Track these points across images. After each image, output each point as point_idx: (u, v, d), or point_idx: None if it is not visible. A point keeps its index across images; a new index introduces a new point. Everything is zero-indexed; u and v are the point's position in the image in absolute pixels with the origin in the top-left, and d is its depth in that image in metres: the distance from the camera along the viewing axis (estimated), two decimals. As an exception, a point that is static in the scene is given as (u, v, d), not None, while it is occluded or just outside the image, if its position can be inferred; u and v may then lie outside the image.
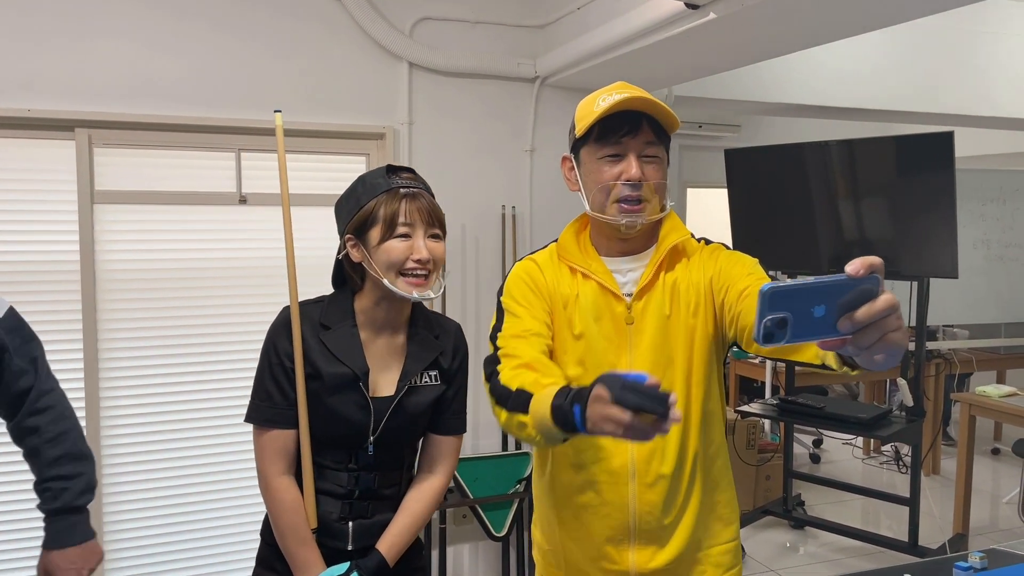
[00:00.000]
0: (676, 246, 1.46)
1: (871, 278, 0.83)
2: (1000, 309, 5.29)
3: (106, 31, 2.80)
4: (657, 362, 1.42)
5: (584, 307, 1.45)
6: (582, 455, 1.46)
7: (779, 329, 0.82)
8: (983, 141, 6.10)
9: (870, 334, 0.84)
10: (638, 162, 1.39)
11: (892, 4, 2.28)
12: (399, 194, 1.47)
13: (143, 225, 2.94)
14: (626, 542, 1.46)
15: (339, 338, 1.52)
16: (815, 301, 0.83)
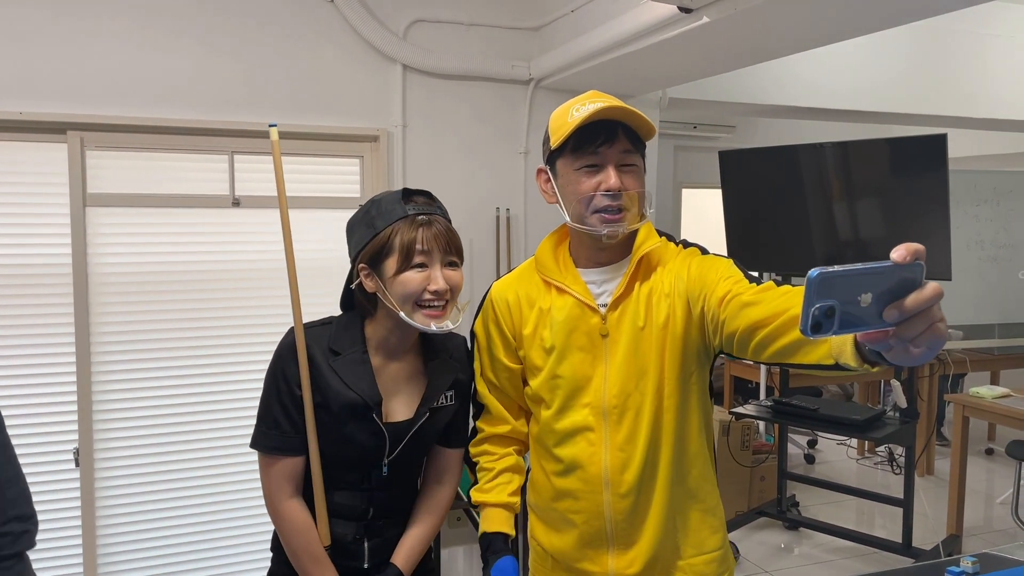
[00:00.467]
0: (649, 255, 1.44)
1: (916, 265, 0.77)
2: (994, 310, 5.30)
3: (98, 33, 2.79)
4: (630, 374, 1.43)
5: (557, 321, 1.46)
6: (561, 464, 1.49)
7: (827, 318, 0.75)
8: (977, 142, 6.12)
9: (917, 324, 0.78)
10: (616, 172, 1.38)
11: (883, 9, 2.29)
12: (416, 222, 1.40)
13: (136, 228, 2.93)
14: (604, 547, 1.48)
15: (350, 365, 1.46)
16: (862, 289, 0.76)
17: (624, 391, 1.43)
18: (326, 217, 3.18)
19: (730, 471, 4.34)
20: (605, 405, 1.44)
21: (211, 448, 3.05)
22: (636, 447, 1.43)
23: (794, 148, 3.96)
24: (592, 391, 1.45)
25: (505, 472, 1.59)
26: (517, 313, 1.53)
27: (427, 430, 1.52)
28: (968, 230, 5.10)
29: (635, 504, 1.45)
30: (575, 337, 1.45)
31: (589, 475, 1.46)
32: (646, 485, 1.45)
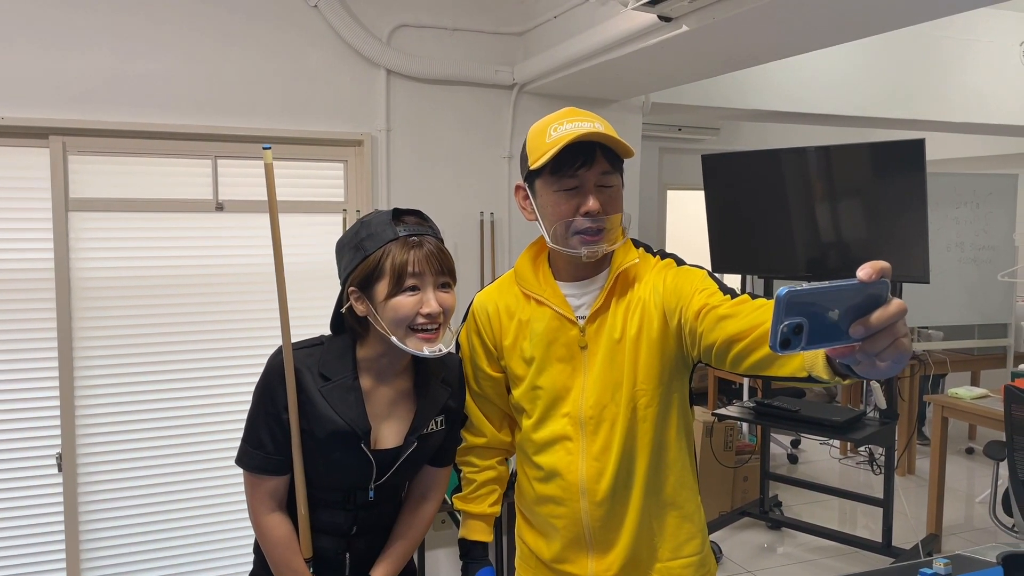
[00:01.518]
0: (627, 271, 1.46)
1: (881, 282, 0.80)
2: (973, 311, 5.37)
3: (80, 37, 2.78)
4: (606, 386, 1.45)
5: (536, 332, 1.48)
6: (542, 472, 1.53)
7: (795, 335, 0.78)
8: (956, 145, 6.19)
9: (882, 339, 0.81)
10: (595, 194, 1.38)
11: (860, 19, 2.32)
12: (407, 243, 1.37)
13: (118, 233, 2.93)
14: (584, 551, 1.52)
15: (340, 392, 1.43)
16: (830, 306, 0.79)
17: (600, 402, 1.46)
18: (310, 221, 3.19)
19: (713, 472, 4.38)
20: (582, 416, 1.47)
21: (194, 453, 3.05)
22: (610, 457, 1.46)
23: (776, 152, 3.99)
24: (571, 401, 1.48)
25: (487, 484, 1.64)
26: (497, 324, 1.55)
27: (416, 456, 1.51)
28: (948, 232, 5.16)
29: (610, 512, 1.48)
30: (554, 348, 1.48)
31: (567, 483, 1.49)
32: (620, 493, 1.48)
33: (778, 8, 2.17)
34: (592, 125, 1.38)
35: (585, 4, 2.87)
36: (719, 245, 4.18)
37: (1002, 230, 5.33)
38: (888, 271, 0.80)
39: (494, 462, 1.66)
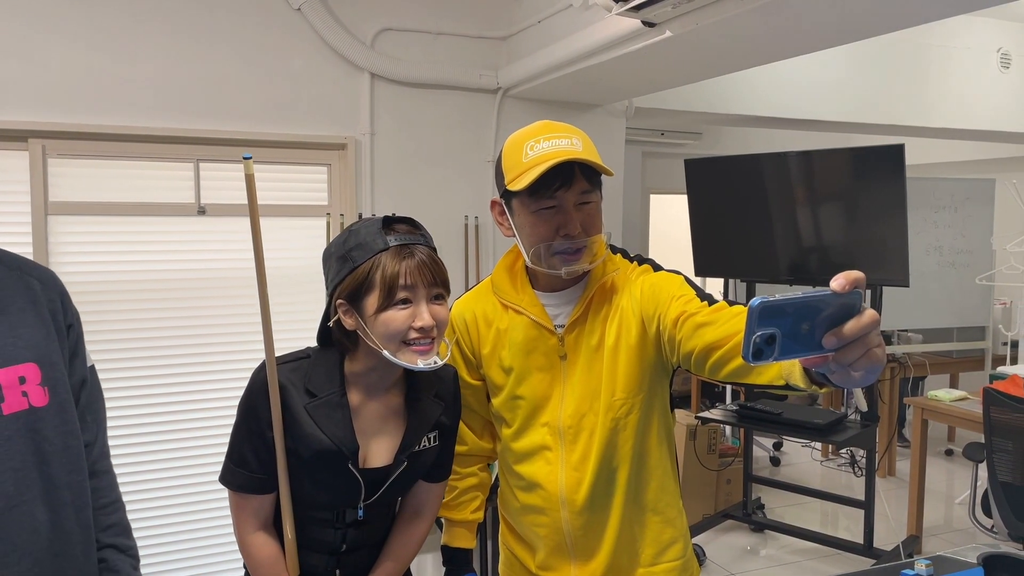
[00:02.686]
0: (605, 282, 1.45)
1: (854, 293, 0.79)
2: (952, 314, 5.43)
3: (60, 40, 2.76)
4: (584, 395, 1.45)
5: (515, 341, 1.47)
6: (523, 481, 1.52)
7: (768, 345, 0.78)
8: (935, 150, 6.26)
9: (855, 350, 0.81)
10: (575, 214, 1.35)
11: (839, 26, 2.35)
12: (398, 254, 1.29)
13: (99, 237, 2.90)
14: (567, 557, 1.52)
15: (327, 409, 1.36)
16: (802, 316, 0.79)
17: (579, 411, 1.45)
18: (293, 225, 3.18)
19: (697, 474, 4.39)
20: (561, 425, 1.46)
21: (175, 459, 3.03)
22: (589, 466, 1.45)
23: (758, 157, 4.02)
24: (550, 411, 1.47)
25: (469, 491, 1.63)
26: (475, 332, 1.53)
27: (407, 475, 1.45)
28: (927, 236, 5.22)
29: (591, 520, 1.48)
30: (533, 358, 1.46)
31: (548, 493, 1.48)
32: (601, 502, 1.47)
33: (760, 14, 2.19)
34: (570, 143, 1.35)
35: (569, 9, 2.88)
36: (702, 249, 4.20)
37: (980, 234, 5.39)
38: (862, 281, 0.79)
39: (475, 468, 1.65)
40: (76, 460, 1.24)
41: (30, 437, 1.17)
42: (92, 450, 1.32)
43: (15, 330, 1.20)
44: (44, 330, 1.24)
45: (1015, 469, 3.11)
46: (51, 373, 1.23)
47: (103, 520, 1.32)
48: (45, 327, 1.24)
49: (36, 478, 1.17)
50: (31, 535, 1.15)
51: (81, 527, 1.23)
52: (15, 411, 1.17)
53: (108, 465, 1.36)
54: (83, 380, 1.33)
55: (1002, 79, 4.63)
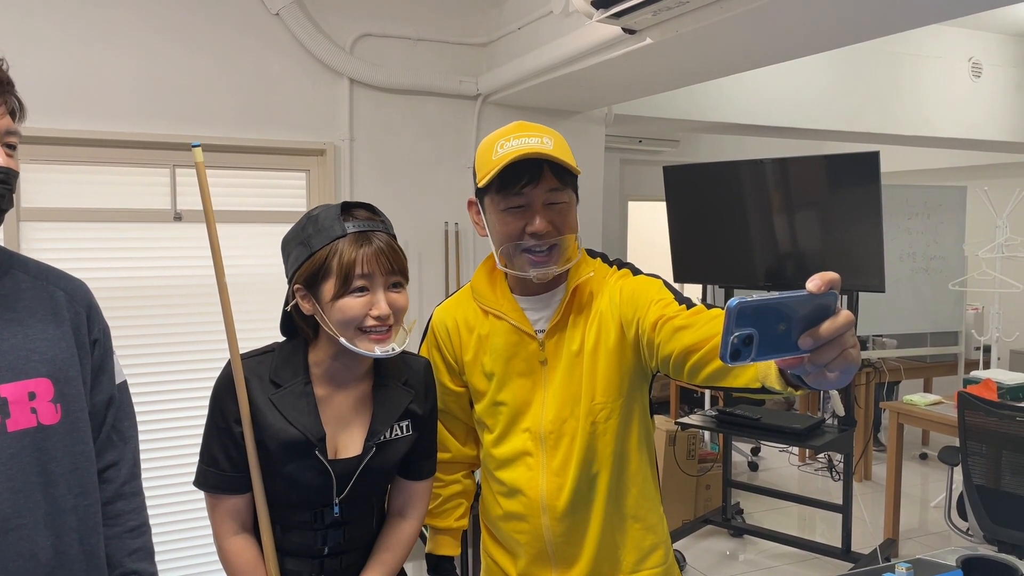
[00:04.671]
0: (582, 285, 1.44)
1: (830, 294, 0.80)
2: (925, 319, 5.50)
3: (32, 43, 2.71)
4: (565, 400, 1.44)
5: (496, 347, 1.46)
6: (504, 487, 1.51)
7: (745, 346, 0.78)
8: (908, 158, 6.35)
9: (830, 351, 0.81)
10: (543, 212, 1.34)
11: (817, 34, 2.38)
12: (355, 241, 1.28)
13: (73, 243, 2.86)
14: (548, 564, 1.51)
15: (291, 398, 1.35)
16: (779, 317, 0.80)
17: (560, 417, 1.44)
18: (271, 231, 3.14)
19: (676, 480, 4.40)
20: (542, 431, 1.45)
21: (153, 460, 2.98)
22: (569, 472, 1.44)
23: (735, 164, 4.05)
24: (531, 416, 1.46)
25: (453, 498, 1.62)
26: (456, 338, 1.52)
27: (379, 465, 1.41)
28: (901, 242, 5.29)
29: (571, 527, 1.47)
30: (514, 363, 1.46)
31: (529, 499, 1.47)
32: (581, 508, 1.47)
33: (740, 22, 2.21)
34: (540, 141, 1.33)
35: (549, 16, 2.89)
36: (680, 255, 4.22)
37: (952, 240, 5.48)
38: (837, 282, 0.80)
39: (460, 476, 1.64)
40: (86, 483, 1.19)
41: (36, 457, 1.12)
42: (120, 471, 1.27)
43: (30, 343, 1.14)
44: (63, 344, 1.18)
45: (989, 472, 3.15)
46: (65, 389, 1.17)
47: (129, 544, 1.27)
48: (65, 340, 1.19)
49: (40, 500, 1.12)
50: (28, 561, 1.10)
51: (86, 554, 1.18)
52: (21, 428, 1.11)
53: (137, 487, 1.31)
54: (110, 398, 1.28)
55: (973, 88, 4.71)
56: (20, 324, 1.15)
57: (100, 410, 1.26)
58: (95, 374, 1.26)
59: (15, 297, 1.16)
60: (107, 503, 1.25)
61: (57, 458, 1.15)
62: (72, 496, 1.17)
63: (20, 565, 1.09)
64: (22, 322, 1.15)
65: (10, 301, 1.15)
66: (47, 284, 1.22)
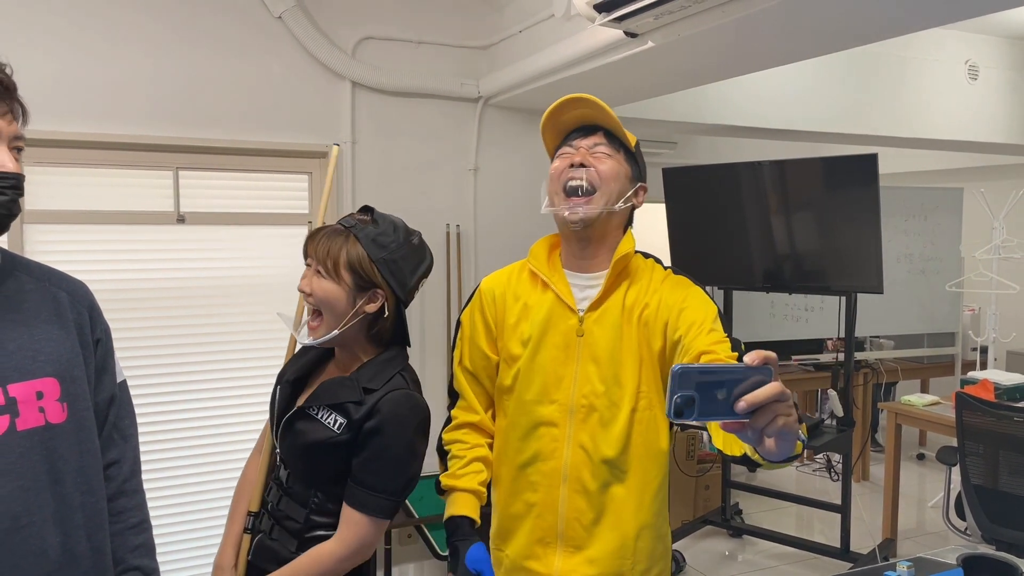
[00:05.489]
0: (628, 267, 1.52)
1: (764, 368, 0.92)
2: (922, 320, 5.53)
3: (35, 46, 2.72)
4: (602, 377, 1.48)
5: (537, 316, 1.53)
6: (522, 455, 1.54)
7: (687, 407, 0.90)
8: (905, 160, 6.38)
9: (763, 416, 0.92)
10: (585, 152, 1.48)
11: (819, 37, 2.40)
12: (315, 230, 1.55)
13: (76, 246, 2.86)
14: (554, 544, 1.52)
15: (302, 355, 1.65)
16: (718, 384, 0.91)
17: (594, 391, 1.48)
18: (273, 233, 3.16)
19: (676, 481, 4.42)
20: (573, 403, 1.49)
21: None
22: (596, 448, 1.48)
23: (734, 166, 4.08)
24: (563, 388, 1.50)
25: (476, 461, 1.61)
26: (502, 304, 1.59)
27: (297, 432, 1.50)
28: (898, 244, 5.32)
29: (588, 504, 1.49)
30: (551, 335, 1.51)
31: (548, 468, 1.50)
32: (601, 488, 1.49)
33: (741, 26, 2.23)
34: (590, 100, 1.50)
35: (550, 19, 2.90)
36: (679, 256, 4.24)
37: (949, 242, 5.51)
38: (773, 360, 0.92)
39: (484, 442, 1.63)
40: (92, 480, 1.22)
41: (44, 455, 1.14)
42: (121, 468, 1.29)
43: (36, 343, 1.17)
44: (68, 344, 1.20)
45: (987, 472, 3.18)
46: (71, 389, 1.20)
47: (132, 540, 1.30)
48: (69, 341, 1.21)
49: (48, 498, 1.14)
50: (37, 558, 1.12)
51: (93, 550, 1.20)
52: (30, 427, 1.13)
53: (138, 484, 1.34)
54: (112, 397, 1.31)
55: (970, 90, 4.74)
56: (26, 325, 1.16)
57: (102, 409, 1.28)
58: (98, 373, 1.28)
59: (20, 299, 1.18)
60: (109, 500, 1.28)
61: (65, 456, 1.17)
62: (79, 494, 1.19)
63: (31, 562, 1.11)
64: (27, 323, 1.17)
65: (15, 303, 1.17)
66: (50, 286, 1.24)
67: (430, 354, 3.44)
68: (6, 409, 1.11)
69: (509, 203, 3.55)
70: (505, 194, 3.54)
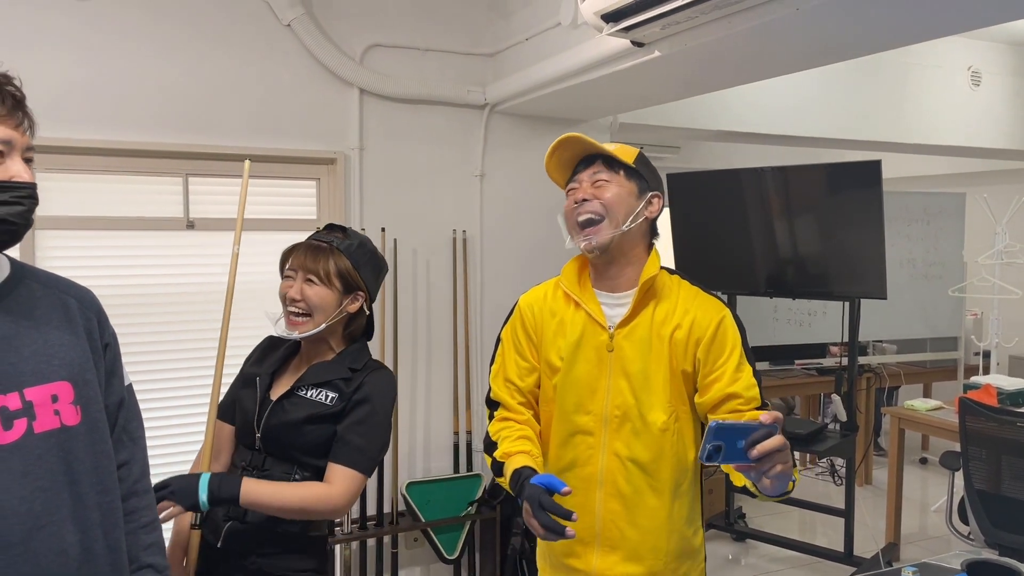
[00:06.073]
0: (654, 287, 1.61)
1: (772, 426, 1.27)
2: (925, 325, 5.55)
3: (46, 54, 2.75)
4: (633, 389, 1.57)
5: (571, 334, 1.63)
6: (561, 462, 1.64)
7: (716, 453, 1.24)
8: (907, 165, 6.40)
9: (767, 462, 1.27)
10: (587, 185, 1.59)
11: (825, 47, 2.42)
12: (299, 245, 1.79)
13: (87, 251, 2.89)
14: (592, 544, 1.61)
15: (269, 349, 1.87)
16: (739, 436, 1.25)
17: (626, 403, 1.57)
18: (282, 239, 3.17)
19: (680, 485, 4.44)
20: (607, 414, 1.58)
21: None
22: (632, 455, 1.57)
23: (737, 172, 4.10)
24: (597, 400, 1.60)
25: (524, 439, 1.62)
26: (540, 318, 1.68)
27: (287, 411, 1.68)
28: (900, 249, 5.34)
29: (623, 506, 1.58)
30: (585, 349, 1.61)
31: (585, 473, 1.60)
32: (637, 491, 1.57)
33: (747, 37, 2.25)
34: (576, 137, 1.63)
35: (557, 28, 2.93)
36: (684, 261, 4.26)
37: (951, 247, 5.53)
38: (781, 420, 1.29)
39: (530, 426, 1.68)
40: (106, 480, 1.25)
41: (61, 456, 1.18)
42: (131, 469, 1.33)
43: (49, 348, 1.20)
44: (79, 348, 1.24)
45: (990, 477, 3.19)
46: (84, 392, 1.23)
47: (144, 539, 1.33)
48: (80, 345, 1.25)
49: (66, 498, 1.17)
50: (58, 556, 1.15)
51: (109, 548, 1.23)
52: (47, 429, 1.17)
53: (148, 485, 1.37)
54: (120, 399, 1.34)
55: (972, 96, 4.76)
56: (39, 330, 1.20)
57: (112, 412, 1.32)
58: (107, 377, 1.32)
59: (31, 305, 1.22)
60: (122, 500, 1.31)
61: (80, 457, 1.21)
62: (95, 493, 1.22)
63: (52, 560, 1.14)
64: (40, 328, 1.20)
65: (27, 309, 1.21)
66: (59, 292, 1.28)
67: (436, 357, 3.46)
68: (23, 412, 1.15)
69: (514, 208, 3.58)
70: (510, 200, 3.57)
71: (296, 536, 1.68)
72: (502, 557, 3.38)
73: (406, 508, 3.30)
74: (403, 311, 3.35)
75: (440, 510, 3.33)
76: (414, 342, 3.40)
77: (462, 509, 3.37)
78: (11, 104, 1.16)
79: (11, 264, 1.25)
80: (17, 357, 1.16)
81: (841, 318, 3.99)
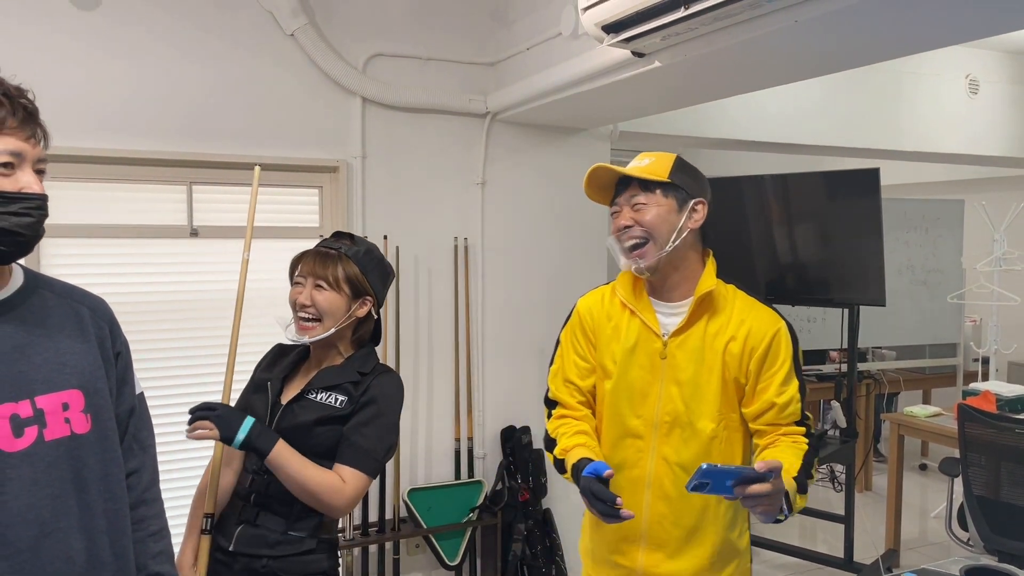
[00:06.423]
0: (710, 297, 1.65)
1: (768, 473, 1.36)
2: (924, 331, 5.56)
3: (50, 63, 2.77)
4: (684, 396, 1.62)
5: (626, 340, 1.68)
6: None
7: (703, 487, 1.35)
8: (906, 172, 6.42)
9: (749, 502, 1.38)
10: (629, 211, 1.65)
11: (824, 58, 2.44)
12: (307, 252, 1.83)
13: (91, 259, 2.91)
14: (638, 543, 1.67)
15: (279, 355, 1.90)
16: (728, 478, 1.35)
17: (676, 410, 1.62)
18: (285, 247, 3.19)
19: (680, 491, 4.45)
20: (657, 419, 1.63)
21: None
22: (681, 460, 1.62)
23: (737, 179, 4.12)
24: (648, 405, 1.64)
25: (581, 433, 1.70)
26: (598, 322, 1.73)
27: (295, 414, 1.72)
28: (899, 255, 5.35)
29: (670, 508, 1.63)
30: (639, 355, 1.65)
31: (634, 475, 1.66)
32: (683, 494, 1.60)
33: (747, 47, 2.28)
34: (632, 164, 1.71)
35: (558, 37, 2.95)
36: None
37: (950, 254, 5.55)
38: (777, 468, 1.38)
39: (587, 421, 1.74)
40: (115, 488, 1.26)
41: (70, 464, 1.19)
42: (141, 478, 1.34)
43: (61, 356, 1.22)
44: (91, 357, 1.26)
45: (989, 483, 3.21)
46: (95, 400, 1.25)
47: (153, 547, 1.35)
48: (92, 354, 1.27)
49: (74, 505, 1.19)
50: (65, 563, 1.16)
51: (116, 556, 1.24)
52: (57, 437, 1.18)
53: (157, 493, 1.39)
54: (132, 408, 1.36)
55: (970, 104, 4.79)
56: (51, 339, 1.21)
57: (123, 420, 1.33)
58: (119, 386, 1.33)
59: (44, 314, 1.23)
60: (131, 508, 1.33)
61: (89, 465, 1.22)
62: (103, 501, 1.23)
63: (58, 567, 1.16)
64: (52, 337, 1.22)
65: (40, 318, 1.22)
66: (72, 301, 1.29)
67: (437, 363, 3.47)
68: (34, 420, 1.16)
69: (516, 216, 3.60)
70: (512, 207, 3.59)
71: (306, 540, 1.70)
72: (503, 563, 3.39)
73: (408, 514, 3.31)
74: (405, 318, 3.37)
75: (441, 516, 3.35)
76: (416, 349, 3.41)
77: (463, 515, 3.38)
78: (23, 116, 1.17)
79: (24, 274, 1.26)
80: (29, 365, 1.18)
81: (840, 324, 4.01)
